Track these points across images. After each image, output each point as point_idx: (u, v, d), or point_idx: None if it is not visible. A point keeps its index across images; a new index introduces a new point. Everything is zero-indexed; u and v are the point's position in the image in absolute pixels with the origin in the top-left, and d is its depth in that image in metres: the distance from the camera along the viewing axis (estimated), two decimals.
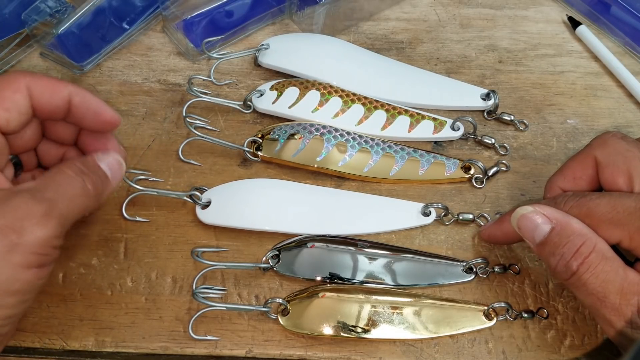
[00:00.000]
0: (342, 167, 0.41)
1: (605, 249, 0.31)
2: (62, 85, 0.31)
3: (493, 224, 0.38)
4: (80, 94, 0.32)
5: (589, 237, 0.31)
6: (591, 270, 0.30)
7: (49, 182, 0.29)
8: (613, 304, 0.30)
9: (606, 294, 0.30)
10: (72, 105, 0.32)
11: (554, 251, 0.32)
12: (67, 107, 0.32)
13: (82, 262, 0.37)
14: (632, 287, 0.29)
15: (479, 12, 0.52)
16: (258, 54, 0.46)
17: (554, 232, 0.32)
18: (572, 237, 0.31)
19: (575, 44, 0.50)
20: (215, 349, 0.35)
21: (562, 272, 0.31)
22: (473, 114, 0.45)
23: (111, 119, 0.33)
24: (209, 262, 0.36)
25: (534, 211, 0.33)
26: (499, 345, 0.36)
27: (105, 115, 0.33)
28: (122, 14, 0.47)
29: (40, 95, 0.31)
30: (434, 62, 0.48)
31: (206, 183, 0.40)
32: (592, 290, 0.30)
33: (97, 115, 0.32)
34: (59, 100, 0.31)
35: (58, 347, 0.35)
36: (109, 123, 0.33)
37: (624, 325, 0.29)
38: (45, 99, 0.31)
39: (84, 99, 0.32)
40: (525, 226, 0.33)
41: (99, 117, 0.33)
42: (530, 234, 0.33)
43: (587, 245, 0.31)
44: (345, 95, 0.44)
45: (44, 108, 0.31)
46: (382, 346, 0.35)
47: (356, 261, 0.37)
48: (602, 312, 0.30)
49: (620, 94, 0.47)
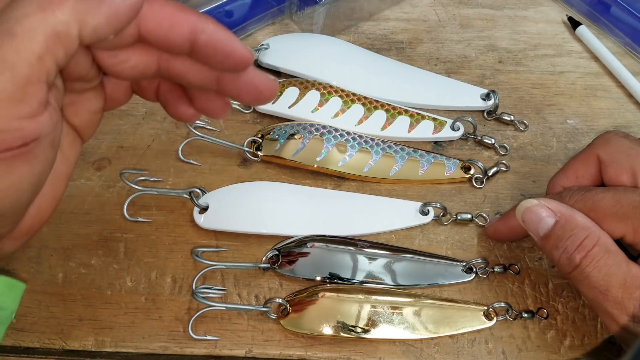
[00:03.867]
0: (342, 167, 0.41)
1: (609, 242, 0.31)
2: (184, 17, 0.24)
3: (498, 220, 0.38)
4: (208, 29, 0.24)
5: (592, 231, 0.31)
6: (594, 264, 0.30)
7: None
8: (615, 297, 0.29)
9: (609, 287, 0.30)
10: (197, 45, 0.24)
11: (558, 244, 0.32)
12: (189, 45, 0.24)
13: (82, 262, 0.37)
14: (635, 280, 0.29)
15: (479, 12, 0.52)
16: (258, 53, 0.46)
17: (557, 225, 0.32)
18: (576, 230, 0.31)
19: (575, 44, 0.50)
20: (215, 349, 0.35)
21: (565, 265, 0.31)
22: (473, 114, 0.45)
23: (243, 58, 0.25)
24: (208, 262, 0.36)
25: (539, 204, 0.33)
26: (499, 345, 0.36)
27: (237, 55, 0.25)
28: None
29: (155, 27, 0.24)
30: (433, 62, 0.48)
31: (206, 183, 0.40)
32: (595, 284, 0.30)
33: (227, 57, 0.25)
34: (177, 37, 0.24)
35: (57, 347, 0.35)
36: (240, 63, 0.25)
37: (627, 319, 0.29)
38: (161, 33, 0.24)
39: (212, 37, 0.24)
40: (530, 219, 0.33)
41: (229, 58, 0.25)
42: (534, 227, 0.33)
43: (591, 239, 0.31)
44: (345, 95, 0.44)
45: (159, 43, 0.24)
46: (382, 346, 0.35)
47: (356, 261, 0.37)
48: (605, 305, 0.30)
49: (620, 94, 0.47)
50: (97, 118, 0.28)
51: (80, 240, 0.38)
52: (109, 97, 0.28)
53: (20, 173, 0.22)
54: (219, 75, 0.26)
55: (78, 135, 0.28)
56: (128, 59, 0.25)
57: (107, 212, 0.39)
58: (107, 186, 0.40)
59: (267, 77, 0.27)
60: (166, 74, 0.26)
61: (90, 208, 0.39)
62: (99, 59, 0.24)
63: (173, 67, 0.26)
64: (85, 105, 0.27)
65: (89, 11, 0.21)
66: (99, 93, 0.27)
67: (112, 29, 0.22)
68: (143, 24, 0.23)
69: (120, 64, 0.25)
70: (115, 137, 0.43)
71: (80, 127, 0.27)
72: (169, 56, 0.26)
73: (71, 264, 0.37)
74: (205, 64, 0.26)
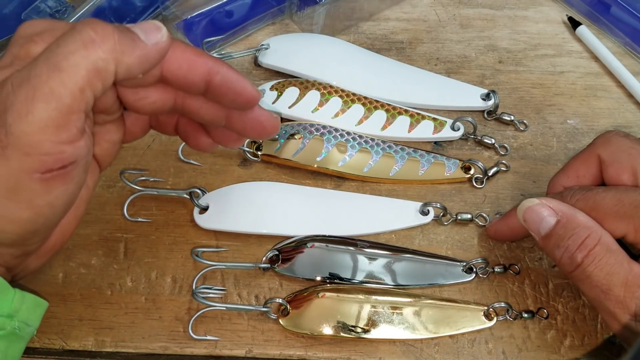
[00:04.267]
0: (342, 167, 0.41)
1: (610, 241, 0.31)
2: (201, 60, 0.27)
3: (499, 219, 0.38)
4: (222, 71, 0.27)
5: (594, 230, 0.31)
6: (596, 263, 0.30)
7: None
8: (617, 296, 0.29)
9: (610, 286, 0.30)
10: (211, 85, 0.27)
11: (559, 243, 0.32)
12: (205, 85, 0.27)
13: (82, 262, 0.37)
14: (636, 279, 0.29)
15: (479, 12, 0.52)
16: (258, 54, 0.46)
17: (559, 224, 0.32)
18: (578, 229, 0.31)
19: (575, 44, 0.50)
20: (215, 349, 0.35)
21: (566, 264, 0.31)
22: (473, 114, 0.45)
23: (252, 97, 0.28)
24: (208, 262, 0.36)
25: (540, 204, 0.33)
26: (499, 345, 0.36)
27: (247, 95, 0.28)
28: (122, 14, 0.47)
29: (176, 68, 0.26)
30: (434, 62, 0.48)
31: (206, 183, 0.40)
32: (597, 283, 0.30)
33: (238, 96, 0.28)
34: (195, 77, 0.27)
35: (58, 346, 0.35)
36: (249, 102, 0.29)
37: (629, 318, 0.29)
38: (181, 74, 0.27)
39: (225, 79, 0.27)
40: (531, 218, 0.33)
41: (240, 97, 0.28)
42: (535, 227, 0.33)
43: (592, 238, 0.31)
44: (345, 95, 0.44)
45: (178, 83, 0.27)
46: (382, 346, 0.35)
47: (356, 261, 0.37)
48: (606, 305, 0.30)
49: (620, 94, 0.47)
50: (116, 149, 0.31)
51: (81, 240, 0.38)
52: (128, 130, 0.31)
53: (57, 192, 0.25)
54: (228, 112, 0.29)
55: (97, 164, 0.30)
56: (148, 96, 0.28)
57: (107, 212, 0.39)
58: (107, 186, 0.40)
59: (270, 115, 0.30)
60: (181, 110, 0.29)
61: (91, 208, 0.39)
62: (122, 94, 0.27)
63: (188, 105, 0.29)
64: (105, 136, 0.29)
65: (125, 51, 0.24)
66: (119, 126, 0.30)
67: (143, 69, 0.25)
68: (166, 65, 0.26)
69: (141, 100, 0.27)
70: None
71: (100, 156, 0.30)
72: (184, 94, 0.28)
73: (71, 264, 0.37)
74: (217, 102, 0.29)
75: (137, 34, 0.25)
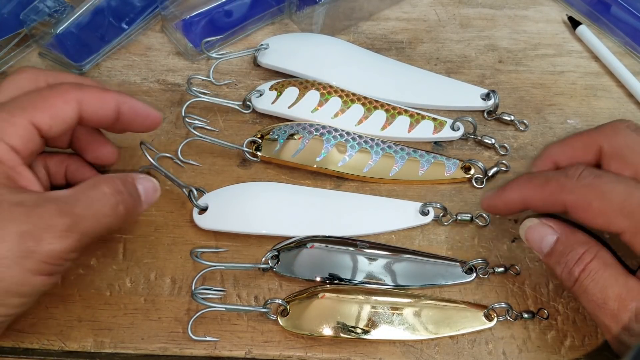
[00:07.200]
0: (342, 167, 0.41)
1: (607, 256, 0.31)
2: (109, 96, 0.32)
3: (494, 193, 0.36)
4: (128, 102, 0.33)
5: (591, 245, 0.32)
6: (591, 277, 0.31)
7: (82, 196, 0.29)
8: (611, 309, 0.30)
9: (605, 300, 0.30)
10: (121, 114, 0.33)
11: (559, 260, 0.32)
12: (116, 116, 0.33)
13: (81, 263, 0.37)
14: (630, 293, 0.29)
15: (479, 12, 0.52)
16: (257, 53, 0.46)
17: (559, 241, 0.32)
18: (576, 245, 0.32)
19: (575, 44, 0.50)
20: (214, 350, 0.35)
21: (566, 279, 0.32)
22: (473, 114, 0.45)
23: (156, 119, 0.35)
24: (208, 263, 0.36)
25: (540, 223, 0.33)
26: (499, 346, 0.36)
27: (152, 117, 0.35)
28: (121, 13, 0.47)
29: (90, 107, 0.32)
30: (433, 62, 0.48)
31: (205, 183, 0.40)
32: (592, 297, 0.30)
33: (144, 119, 0.34)
34: (107, 111, 0.32)
35: (57, 348, 0.35)
36: (154, 124, 0.35)
37: (621, 331, 0.29)
38: (93, 110, 0.32)
39: (131, 107, 0.33)
40: (533, 238, 0.34)
41: (146, 120, 0.34)
42: (537, 246, 0.34)
43: (589, 252, 0.31)
44: (344, 95, 0.44)
45: (92, 118, 0.32)
46: (382, 347, 0.35)
47: (356, 262, 0.37)
48: (602, 318, 0.30)
49: (620, 94, 0.47)
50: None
51: None
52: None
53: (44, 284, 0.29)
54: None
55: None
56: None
57: None
58: None
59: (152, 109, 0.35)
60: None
61: None
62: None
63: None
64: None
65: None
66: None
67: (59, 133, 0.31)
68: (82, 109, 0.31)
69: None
70: (114, 138, 0.42)
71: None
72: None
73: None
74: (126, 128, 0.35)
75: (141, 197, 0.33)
